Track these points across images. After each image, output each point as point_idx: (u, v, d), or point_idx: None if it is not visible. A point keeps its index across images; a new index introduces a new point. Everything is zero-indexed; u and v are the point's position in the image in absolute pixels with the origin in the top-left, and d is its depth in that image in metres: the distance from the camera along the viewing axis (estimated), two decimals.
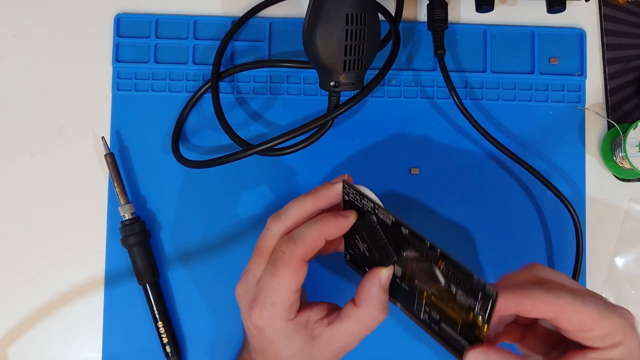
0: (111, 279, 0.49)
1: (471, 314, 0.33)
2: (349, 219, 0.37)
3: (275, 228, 0.38)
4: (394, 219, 0.34)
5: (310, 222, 0.37)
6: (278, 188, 0.50)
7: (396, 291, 0.38)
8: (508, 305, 0.33)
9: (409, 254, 0.35)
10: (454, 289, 0.33)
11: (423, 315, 0.37)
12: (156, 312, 0.47)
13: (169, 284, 0.49)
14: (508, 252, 0.50)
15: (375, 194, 0.37)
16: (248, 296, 0.38)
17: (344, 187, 0.37)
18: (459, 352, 0.36)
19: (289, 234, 0.37)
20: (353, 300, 0.37)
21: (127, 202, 0.47)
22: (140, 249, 0.47)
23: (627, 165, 0.49)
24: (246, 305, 0.38)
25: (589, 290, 0.37)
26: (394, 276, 0.37)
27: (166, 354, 0.47)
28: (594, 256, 0.50)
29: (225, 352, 0.49)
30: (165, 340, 0.47)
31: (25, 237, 0.49)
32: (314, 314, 0.38)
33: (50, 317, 0.49)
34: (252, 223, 0.49)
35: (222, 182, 0.50)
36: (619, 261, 0.51)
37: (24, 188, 0.49)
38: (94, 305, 0.49)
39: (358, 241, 0.38)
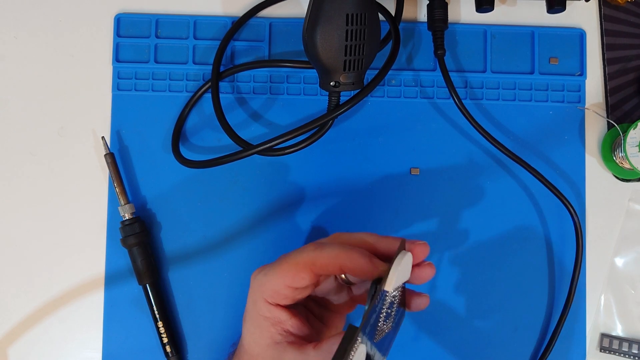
0: (111, 279, 0.49)
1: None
2: (372, 267, 0.35)
3: (334, 234, 0.39)
4: (368, 309, 0.31)
5: (342, 244, 0.37)
6: (278, 188, 0.50)
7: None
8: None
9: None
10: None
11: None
12: (156, 312, 0.47)
13: (169, 284, 0.49)
14: (508, 252, 0.50)
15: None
16: (256, 287, 0.38)
17: (402, 244, 0.35)
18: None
19: (322, 240, 0.38)
20: (317, 342, 0.36)
21: (127, 202, 0.47)
22: (140, 249, 0.47)
23: (627, 165, 0.49)
24: (251, 293, 0.39)
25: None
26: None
27: (166, 354, 0.47)
28: (594, 256, 0.50)
29: (225, 352, 0.48)
30: (165, 340, 0.47)
31: (25, 237, 0.49)
32: (290, 323, 0.37)
33: (50, 317, 0.49)
34: (252, 223, 0.49)
35: (222, 182, 0.50)
36: (619, 261, 0.51)
37: (24, 188, 0.49)
38: (94, 305, 0.49)
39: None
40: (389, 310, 0.34)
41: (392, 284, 0.32)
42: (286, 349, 0.36)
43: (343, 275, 0.38)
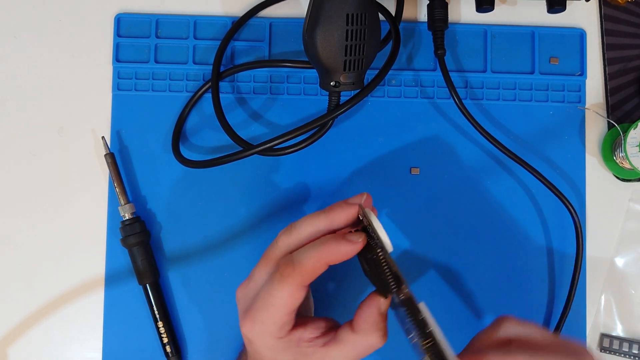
0: (111, 279, 0.49)
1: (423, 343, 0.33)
2: (355, 246, 0.35)
3: (283, 242, 0.37)
4: (397, 272, 0.33)
5: (313, 245, 0.35)
6: (278, 188, 0.50)
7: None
8: None
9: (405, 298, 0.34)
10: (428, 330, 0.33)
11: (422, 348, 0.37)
12: (156, 312, 0.47)
13: (169, 284, 0.49)
14: (508, 252, 0.50)
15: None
16: (245, 303, 0.37)
17: (360, 209, 0.36)
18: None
19: (290, 255, 0.36)
20: (351, 324, 0.36)
21: (127, 202, 0.47)
22: (140, 249, 0.47)
23: (627, 165, 0.49)
24: (241, 312, 0.37)
25: (559, 340, 0.37)
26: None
27: (166, 354, 0.47)
28: (594, 256, 0.50)
29: (225, 352, 0.49)
30: (165, 340, 0.47)
31: (25, 237, 0.49)
32: (308, 332, 0.36)
33: (50, 317, 0.49)
34: (252, 223, 0.49)
35: (222, 182, 0.50)
36: (619, 261, 0.51)
37: (24, 188, 0.49)
38: (94, 305, 0.49)
39: (363, 262, 0.37)
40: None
41: (389, 243, 0.34)
42: (315, 352, 0.36)
43: None
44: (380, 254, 0.34)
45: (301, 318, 0.37)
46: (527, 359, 0.34)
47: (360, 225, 0.37)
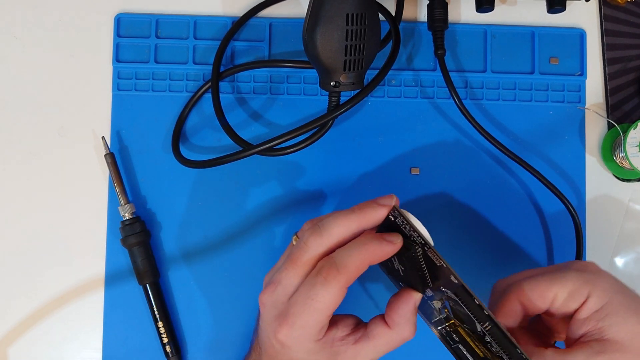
0: (111, 279, 0.49)
1: None
2: (395, 246, 0.35)
3: (315, 245, 0.36)
4: (444, 265, 0.34)
5: (354, 246, 0.35)
6: (278, 188, 0.50)
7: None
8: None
9: (450, 294, 0.35)
10: (488, 339, 0.35)
11: (442, 329, 0.38)
12: (156, 312, 0.47)
13: (169, 284, 0.49)
14: (508, 252, 0.50)
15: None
16: (275, 310, 0.36)
17: (392, 212, 0.36)
18: None
19: (331, 257, 0.35)
20: (382, 319, 0.37)
21: (127, 202, 0.47)
22: (140, 249, 0.47)
23: (627, 165, 0.49)
24: (272, 319, 0.36)
25: (558, 265, 0.40)
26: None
27: (166, 354, 0.47)
28: (594, 256, 0.50)
29: (225, 352, 0.49)
30: (165, 340, 0.47)
31: (25, 236, 0.49)
32: (340, 330, 0.37)
33: (50, 317, 0.49)
34: (252, 223, 0.49)
35: (222, 182, 0.50)
36: (619, 261, 0.51)
37: (24, 188, 0.49)
38: (94, 305, 0.49)
39: (394, 261, 0.37)
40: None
41: (430, 238, 0.35)
42: (347, 350, 0.37)
43: None
44: (418, 250, 0.35)
45: (341, 318, 0.38)
46: (527, 279, 0.37)
47: (386, 223, 0.37)
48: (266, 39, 0.51)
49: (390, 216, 0.36)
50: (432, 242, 0.35)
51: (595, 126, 0.52)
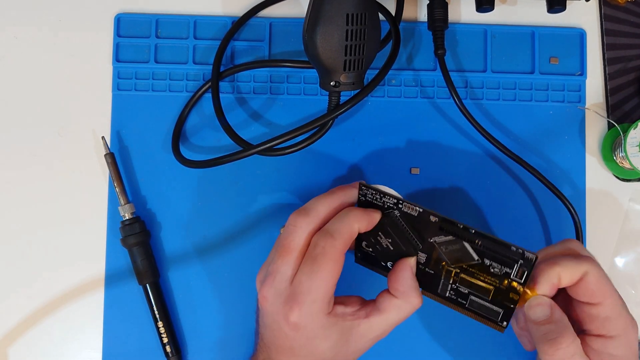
0: (111, 279, 0.49)
1: (505, 281, 0.36)
2: (378, 213, 0.38)
3: (305, 224, 0.38)
4: (420, 210, 0.37)
5: (341, 215, 0.38)
6: (278, 188, 0.50)
7: (418, 276, 0.39)
8: (539, 272, 0.37)
9: (437, 239, 0.37)
10: (487, 262, 0.36)
11: (449, 293, 0.40)
12: (156, 312, 0.47)
13: (169, 284, 0.49)
14: None
15: None
16: (280, 298, 0.37)
17: (360, 189, 0.38)
18: (489, 318, 0.39)
19: (323, 229, 0.37)
20: (388, 292, 0.39)
21: (127, 202, 0.47)
22: (140, 249, 0.47)
23: (627, 165, 0.49)
24: (280, 307, 0.37)
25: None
26: (417, 263, 0.39)
27: (166, 354, 0.47)
28: (594, 256, 0.50)
29: (226, 352, 0.49)
30: (165, 340, 0.47)
31: (25, 237, 0.49)
32: (349, 307, 0.39)
33: (50, 317, 0.49)
34: (252, 223, 0.49)
35: (222, 182, 0.50)
36: (619, 261, 0.51)
37: (24, 188, 0.49)
38: (94, 305, 0.49)
39: (381, 237, 0.39)
40: None
41: (399, 194, 0.38)
42: (360, 324, 0.38)
43: None
44: (396, 212, 0.37)
45: (336, 297, 0.39)
46: (594, 265, 0.38)
47: (361, 205, 0.39)
48: (266, 38, 0.51)
49: (361, 197, 0.38)
50: (401, 196, 0.38)
51: (595, 126, 0.52)
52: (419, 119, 0.51)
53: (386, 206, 0.38)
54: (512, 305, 0.37)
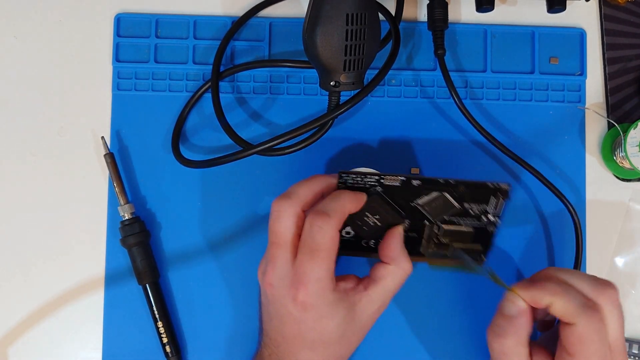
0: (111, 279, 0.49)
1: (483, 217, 0.41)
2: (364, 194, 0.40)
3: (289, 207, 0.38)
4: (403, 178, 0.39)
5: (332, 196, 0.39)
6: (278, 188, 0.50)
7: (405, 244, 0.42)
8: (522, 295, 0.38)
9: (419, 201, 0.40)
10: (467, 205, 0.40)
11: (430, 249, 0.43)
12: (156, 312, 0.47)
13: (169, 284, 0.49)
14: (508, 252, 0.50)
15: None
16: (285, 281, 0.38)
17: (340, 178, 0.39)
18: (474, 258, 0.43)
19: (317, 210, 0.38)
20: (379, 263, 0.41)
21: (127, 202, 0.47)
22: (140, 249, 0.47)
23: (627, 165, 0.49)
24: (286, 290, 0.38)
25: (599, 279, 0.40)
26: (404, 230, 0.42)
27: (166, 354, 0.47)
28: (594, 256, 0.50)
29: (226, 352, 0.49)
30: (165, 340, 0.47)
31: (25, 237, 0.49)
32: (349, 283, 0.40)
33: (50, 317, 0.49)
34: (252, 223, 0.49)
35: (222, 182, 0.50)
36: (619, 261, 0.51)
37: (23, 188, 0.49)
38: (94, 305, 0.49)
39: (368, 217, 0.41)
40: None
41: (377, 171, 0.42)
42: (362, 297, 0.40)
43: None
44: (378, 188, 0.39)
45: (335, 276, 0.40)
46: (562, 285, 0.38)
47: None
48: (266, 38, 0.51)
49: (340, 184, 0.40)
50: (379, 171, 0.40)
51: (595, 126, 0.52)
52: (419, 118, 0.51)
53: (368, 185, 0.39)
54: (490, 238, 0.42)
